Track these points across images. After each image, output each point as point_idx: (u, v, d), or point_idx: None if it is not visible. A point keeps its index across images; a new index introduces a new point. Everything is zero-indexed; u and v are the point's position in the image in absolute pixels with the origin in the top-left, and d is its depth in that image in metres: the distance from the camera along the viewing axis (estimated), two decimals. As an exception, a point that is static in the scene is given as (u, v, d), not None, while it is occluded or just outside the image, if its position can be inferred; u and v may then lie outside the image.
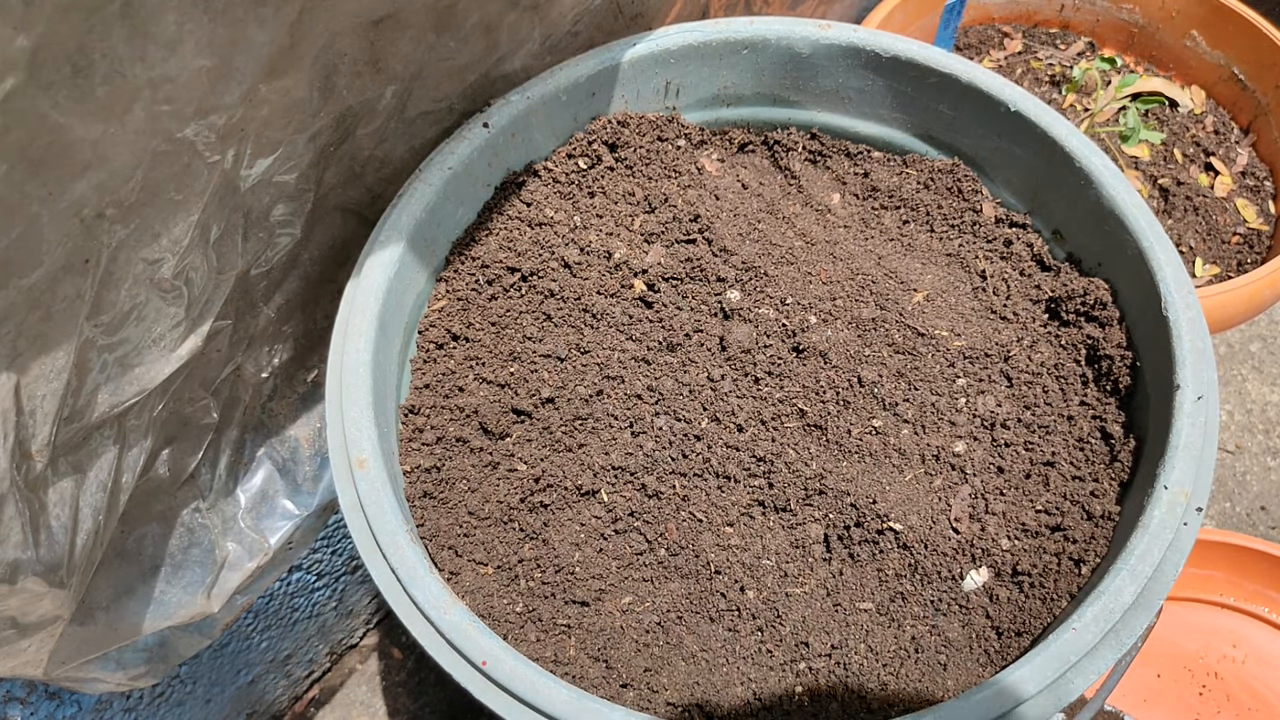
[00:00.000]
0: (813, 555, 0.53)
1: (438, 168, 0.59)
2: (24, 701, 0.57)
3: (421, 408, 0.57)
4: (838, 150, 0.69)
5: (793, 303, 0.60)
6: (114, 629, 0.55)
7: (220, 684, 0.77)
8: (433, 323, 0.60)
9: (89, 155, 0.38)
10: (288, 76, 0.46)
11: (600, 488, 0.55)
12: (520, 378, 0.58)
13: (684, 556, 0.53)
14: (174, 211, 0.44)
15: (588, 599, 0.52)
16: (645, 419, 0.56)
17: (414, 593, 0.44)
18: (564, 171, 0.65)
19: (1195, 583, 0.95)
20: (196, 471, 0.58)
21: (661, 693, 0.50)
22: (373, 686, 0.95)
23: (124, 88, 0.38)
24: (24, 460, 0.41)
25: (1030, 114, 0.60)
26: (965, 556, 0.53)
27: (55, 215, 0.38)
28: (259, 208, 0.51)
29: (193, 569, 0.59)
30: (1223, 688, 0.91)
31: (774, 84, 0.68)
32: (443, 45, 0.56)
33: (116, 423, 0.47)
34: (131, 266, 0.44)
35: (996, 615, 0.51)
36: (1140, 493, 0.49)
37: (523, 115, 0.62)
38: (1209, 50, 1.13)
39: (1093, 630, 0.42)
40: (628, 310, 0.60)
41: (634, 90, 0.66)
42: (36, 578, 0.43)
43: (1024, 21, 1.24)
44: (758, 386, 0.57)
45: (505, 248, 0.62)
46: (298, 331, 0.61)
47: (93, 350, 0.44)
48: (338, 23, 0.47)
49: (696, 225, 0.62)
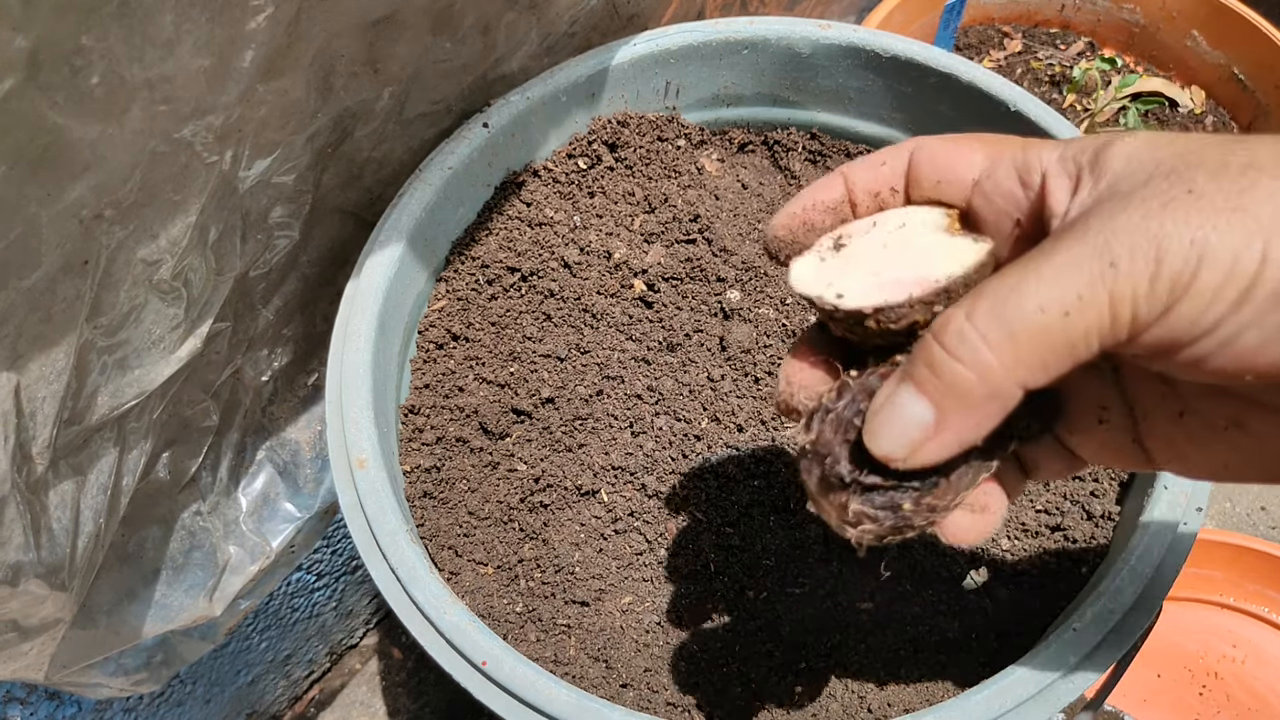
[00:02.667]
0: (812, 555, 0.53)
1: (437, 168, 0.59)
2: (24, 702, 0.57)
3: (421, 408, 0.57)
4: (838, 150, 0.69)
5: (793, 303, 0.60)
6: (115, 632, 0.55)
7: (220, 684, 0.77)
8: (433, 323, 0.60)
9: (87, 156, 0.38)
10: (285, 77, 0.46)
11: (600, 488, 0.55)
12: (520, 378, 0.58)
13: (684, 556, 0.53)
14: (172, 212, 0.44)
15: (588, 599, 0.52)
16: (645, 419, 0.56)
17: (414, 593, 0.44)
18: (564, 171, 0.65)
19: (1195, 583, 0.95)
20: (197, 474, 0.58)
21: (661, 693, 0.50)
22: (373, 687, 0.95)
23: (122, 88, 0.38)
24: (25, 463, 0.41)
25: (1031, 114, 0.60)
26: (965, 556, 0.53)
27: (54, 216, 0.38)
28: (257, 209, 0.51)
29: (194, 572, 0.59)
30: (1223, 688, 0.91)
31: (774, 84, 0.68)
32: (440, 46, 0.56)
33: (116, 425, 0.47)
34: (130, 268, 0.44)
35: (996, 615, 0.51)
36: (1140, 493, 0.49)
37: (523, 115, 0.62)
38: (1209, 50, 1.13)
39: (1093, 630, 0.42)
40: (628, 310, 0.60)
41: (634, 90, 0.66)
42: (38, 580, 0.43)
43: (1024, 21, 1.24)
44: (758, 386, 0.57)
45: (505, 248, 0.62)
46: (297, 334, 0.61)
47: (92, 352, 0.44)
48: (335, 23, 0.47)
49: (696, 225, 0.62)
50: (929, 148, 0.33)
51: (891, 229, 0.32)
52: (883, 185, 0.33)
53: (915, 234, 0.32)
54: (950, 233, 0.31)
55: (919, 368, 0.27)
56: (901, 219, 0.33)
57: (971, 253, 0.30)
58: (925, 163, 0.32)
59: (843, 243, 0.33)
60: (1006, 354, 0.25)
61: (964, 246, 0.30)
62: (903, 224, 0.32)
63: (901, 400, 0.27)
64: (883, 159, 0.33)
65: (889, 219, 0.33)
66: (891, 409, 0.27)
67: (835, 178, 0.34)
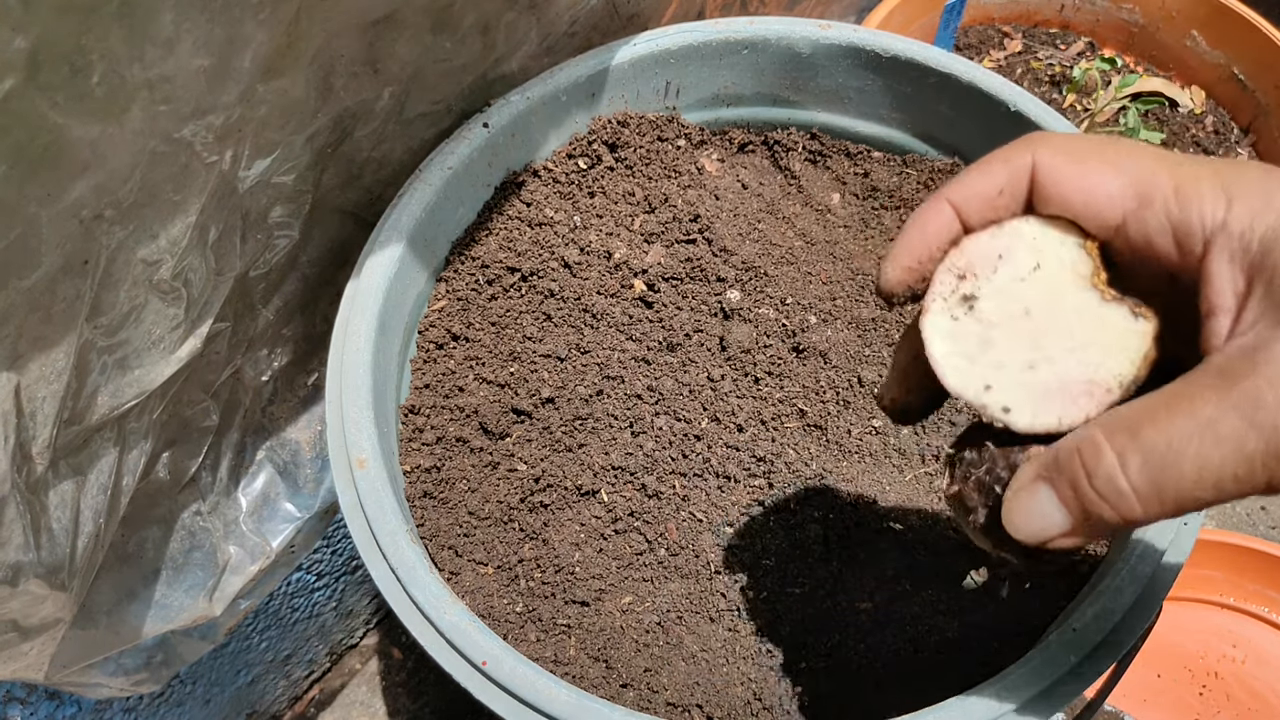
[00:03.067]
0: (813, 555, 0.53)
1: (438, 168, 0.59)
2: (24, 702, 0.57)
3: (421, 408, 0.57)
4: (838, 150, 0.69)
5: (793, 303, 0.60)
6: (115, 632, 0.55)
7: (220, 684, 0.77)
8: (433, 323, 0.60)
9: (87, 156, 0.38)
10: (285, 77, 0.46)
11: (600, 488, 0.55)
12: (520, 378, 0.58)
13: (684, 556, 0.53)
14: (172, 212, 0.44)
15: (588, 599, 0.52)
16: (645, 419, 0.56)
17: (414, 593, 0.44)
18: (564, 171, 0.65)
19: (1195, 583, 0.95)
20: (197, 475, 0.58)
21: (661, 693, 0.50)
22: (373, 687, 0.95)
23: (122, 88, 0.38)
24: (25, 463, 0.41)
25: (1030, 114, 0.60)
26: (965, 556, 0.53)
27: (54, 216, 0.38)
28: (257, 209, 0.51)
29: (194, 572, 0.59)
30: (1223, 688, 0.91)
31: (774, 84, 0.68)
32: (440, 46, 0.56)
33: (116, 425, 0.47)
34: (130, 268, 0.44)
35: (996, 615, 0.51)
36: (1140, 492, 0.49)
37: (523, 115, 0.62)
38: (1209, 50, 1.13)
39: (1093, 630, 0.42)
40: (628, 310, 0.60)
41: (634, 90, 0.66)
42: (38, 580, 0.43)
43: (1024, 21, 1.24)
44: (758, 386, 0.57)
45: (505, 248, 0.62)
46: (297, 334, 0.61)
47: (92, 352, 0.44)
48: (335, 23, 0.47)
49: (696, 225, 0.62)
50: (1054, 169, 0.29)
51: (1025, 273, 0.30)
52: (1001, 211, 0.31)
53: (1058, 291, 0.30)
54: (1100, 293, 0.29)
55: (1063, 483, 0.27)
56: (1034, 255, 0.30)
57: (1136, 340, 0.28)
58: (1051, 187, 0.29)
59: (972, 296, 0.31)
60: (1153, 508, 0.26)
61: (1124, 327, 0.29)
62: (1036, 265, 0.30)
63: (1040, 498, 0.28)
64: (994, 180, 0.30)
65: (1016, 251, 0.30)
66: (1031, 502, 0.28)
67: (940, 206, 0.31)
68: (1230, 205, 0.26)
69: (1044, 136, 0.30)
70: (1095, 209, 0.29)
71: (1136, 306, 0.29)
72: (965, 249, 0.31)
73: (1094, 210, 0.29)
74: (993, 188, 0.30)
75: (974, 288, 0.31)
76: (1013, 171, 0.30)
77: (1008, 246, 0.30)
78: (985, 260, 0.31)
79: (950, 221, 0.31)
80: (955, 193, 0.31)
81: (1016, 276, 0.30)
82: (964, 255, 0.31)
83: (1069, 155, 0.29)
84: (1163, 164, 0.28)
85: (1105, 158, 0.29)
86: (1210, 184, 0.26)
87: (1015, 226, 0.30)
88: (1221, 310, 0.26)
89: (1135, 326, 0.29)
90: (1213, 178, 0.26)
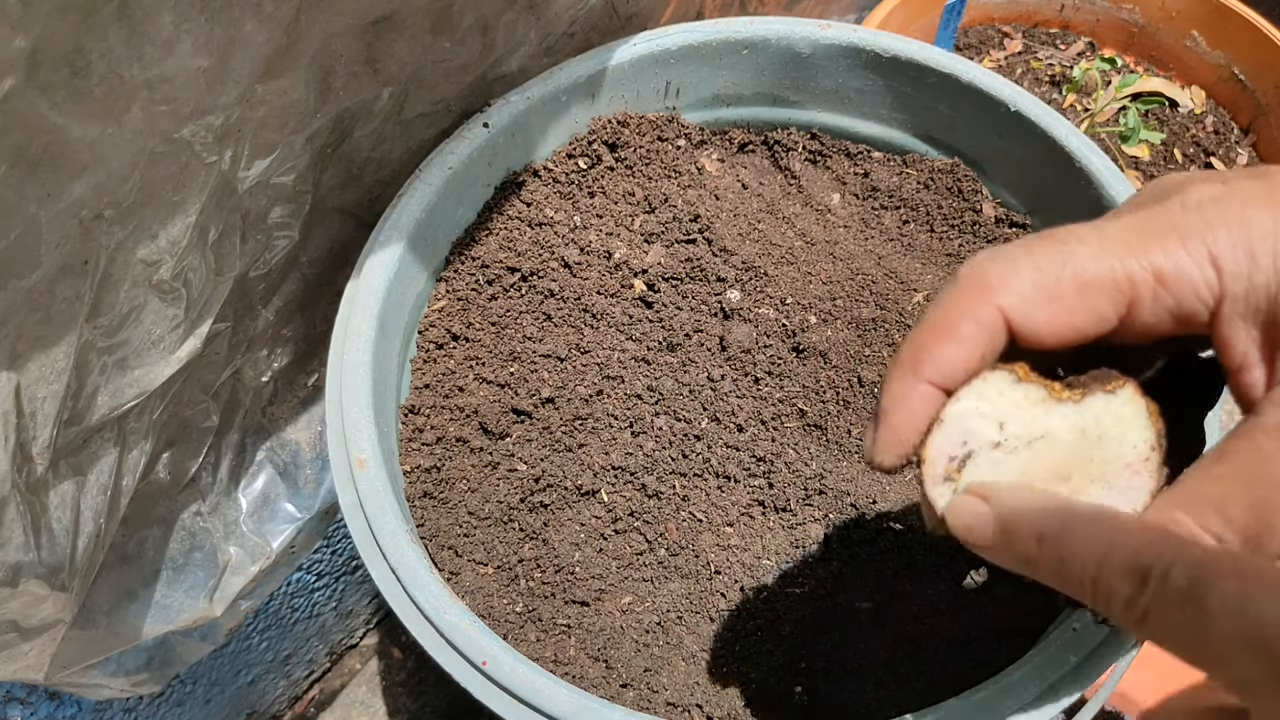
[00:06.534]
0: (813, 555, 0.53)
1: (437, 168, 0.59)
2: (24, 702, 0.57)
3: (421, 408, 0.57)
4: (838, 150, 0.69)
5: (793, 303, 0.60)
6: (116, 633, 0.55)
7: (220, 684, 0.77)
8: (433, 323, 0.60)
9: (87, 156, 0.38)
10: (285, 77, 0.46)
11: (600, 488, 0.55)
12: (520, 378, 0.58)
13: (684, 556, 0.53)
14: (172, 213, 0.44)
15: (588, 599, 0.52)
16: (645, 419, 0.56)
17: (414, 593, 0.44)
18: (564, 171, 0.65)
19: (1197, 582, 0.94)
20: (197, 475, 0.58)
21: (661, 693, 0.50)
22: (373, 687, 0.95)
23: (121, 88, 0.38)
24: (25, 463, 0.41)
25: (1030, 114, 0.60)
26: (965, 556, 0.52)
27: (54, 216, 0.38)
28: (257, 209, 0.51)
29: (194, 573, 0.59)
30: (1225, 687, 0.91)
31: (774, 84, 0.68)
32: (439, 46, 0.56)
33: (116, 425, 0.47)
34: (130, 268, 0.44)
35: (996, 615, 0.51)
36: (1141, 492, 0.49)
37: (523, 115, 0.62)
38: (1209, 50, 1.13)
39: (1093, 630, 0.42)
40: (628, 310, 0.60)
41: (634, 90, 0.66)
42: (38, 580, 0.43)
43: (1024, 21, 1.24)
44: (758, 386, 0.57)
45: (505, 248, 0.62)
46: (297, 335, 0.61)
47: (92, 352, 0.44)
48: (334, 23, 0.47)
49: (696, 225, 0.62)
50: (1028, 318, 0.28)
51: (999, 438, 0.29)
52: (971, 372, 0.29)
53: (1034, 427, 0.29)
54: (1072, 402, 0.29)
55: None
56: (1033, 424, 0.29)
57: (1130, 409, 0.28)
58: (1030, 338, 0.28)
59: (966, 469, 0.30)
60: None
61: (1113, 410, 0.28)
62: (1043, 434, 0.29)
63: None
64: (973, 349, 0.28)
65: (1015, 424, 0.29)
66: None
67: (921, 390, 0.29)
68: (1221, 274, 0.26)
69: (998, 274, 0.28)
70: (1081, 338, 0.28)
71: (1105, 386, 0.29)
72: (959, 433, 0.30)
73: (1080, 338, 0.28)
74: (974, 358, 0.29)
75: (966, 464, 0.30)
76: (990, 336, 0.28)
77: (1007, 416, 0.29)
78: (981, 436, 0.30)
79: (935, 399, 0.29)
80: (933, 371, 0.29)
81: (1022, 458, 0.30)
82: (963, 445, 0.30)
83: (1036, 297, 0.27)
84: (1131, 254, 0.27)
85: (1074, 278, 0.27)
86: (1191, 259, 0.26)
87: (957, 411, 0.29)
88: (1251, 365, 0.27)
89: (1119, 400, 0.28)
90: (1193, 251, 0.26)
